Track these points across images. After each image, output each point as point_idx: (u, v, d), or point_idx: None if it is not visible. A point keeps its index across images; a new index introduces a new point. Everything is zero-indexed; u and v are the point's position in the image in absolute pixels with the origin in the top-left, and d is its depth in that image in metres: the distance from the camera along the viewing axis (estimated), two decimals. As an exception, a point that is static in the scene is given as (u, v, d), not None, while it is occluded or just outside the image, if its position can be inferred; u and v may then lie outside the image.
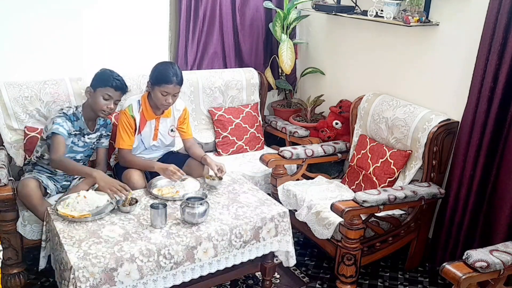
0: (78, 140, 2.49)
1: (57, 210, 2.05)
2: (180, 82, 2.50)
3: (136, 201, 2.19)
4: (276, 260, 2.37)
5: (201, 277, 2.03)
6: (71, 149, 2.48)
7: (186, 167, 2.66)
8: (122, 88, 2.47)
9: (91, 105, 2.47)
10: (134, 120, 2.57)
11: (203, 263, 2.00)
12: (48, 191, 2.40)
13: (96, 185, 2.28)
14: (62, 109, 2.49)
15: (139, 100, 2.60)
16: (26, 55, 2.88)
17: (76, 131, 2.47)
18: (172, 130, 2.74)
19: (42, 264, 2.18)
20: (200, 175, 2.56)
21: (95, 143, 2.60)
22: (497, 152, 2.32)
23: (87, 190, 2.25)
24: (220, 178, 2.43)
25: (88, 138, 2.54)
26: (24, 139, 2.62)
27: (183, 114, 2.73)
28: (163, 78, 2.45)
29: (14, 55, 2.85)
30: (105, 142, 2.65)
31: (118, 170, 2.68)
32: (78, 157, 2.52)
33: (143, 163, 2.57)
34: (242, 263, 2.14)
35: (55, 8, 2.91)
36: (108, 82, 2.42)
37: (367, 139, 2.87)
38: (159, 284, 1.90)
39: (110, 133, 2.68)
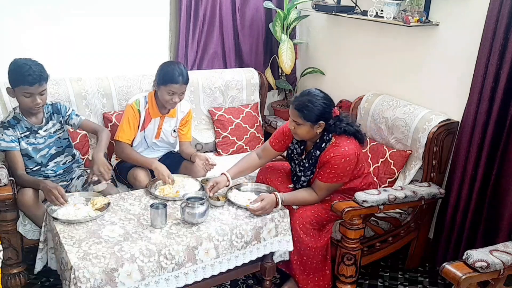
0: (34, 139, 2.37)
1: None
2: (186, 81, 2.50)
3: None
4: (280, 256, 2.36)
5: (201, 276, 2.03)
6: (35, 150, 2.38)
7: (183, 168, 2.67)
8: (38, 80, 2.19)
9: (20, 105, 2.31)
10: (140, 115, 2.56)
11: (205, 264, 2.00)
12: None
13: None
14: (1, 121, 2.34)
15: (145, 97, 2.59)
16: (26, 55, 2.87)
17: (24, 132, 2.34)
18: (174, 131, 2.74)
19: (38, 266, 2.15)
20: (197, 175, 2.55)
21: (59, 131, 2.45)
22: (498, 152, 2.32)
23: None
24: (224, 198, 2.30)
25: (44, 131, 2.39)
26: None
27: (186, 116, 2.73)
28: (169, 78, 2.44)
29: (14, 55, 2.84)
30: (75, 118, 2.49)
31: (121, 170, 2.66)
32: (52, 151, 2.43)
33: (142, 159, 2.54)
34: (243, 263, 2.14)
35: (55, 8, 2.91)
36: (22, 79, 2.19)
37: (367, 139, 2.87)
38: (161, 285, 1.90)
39: (70, 110, 2.49)
